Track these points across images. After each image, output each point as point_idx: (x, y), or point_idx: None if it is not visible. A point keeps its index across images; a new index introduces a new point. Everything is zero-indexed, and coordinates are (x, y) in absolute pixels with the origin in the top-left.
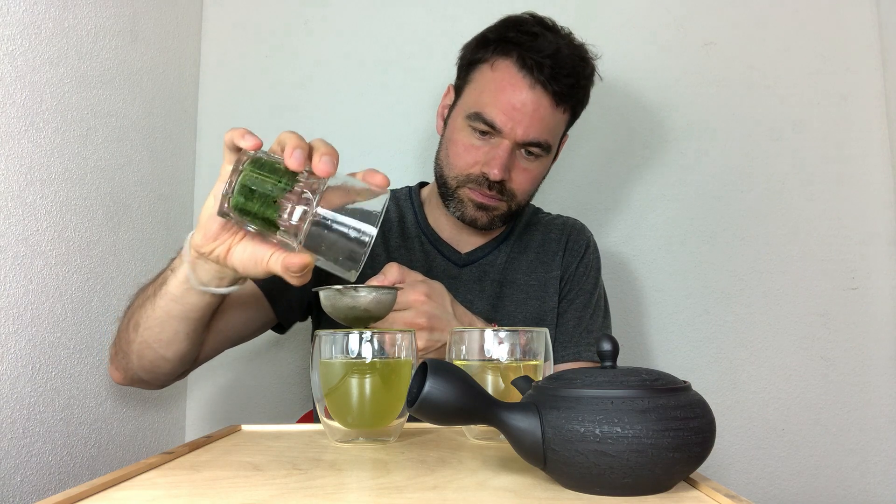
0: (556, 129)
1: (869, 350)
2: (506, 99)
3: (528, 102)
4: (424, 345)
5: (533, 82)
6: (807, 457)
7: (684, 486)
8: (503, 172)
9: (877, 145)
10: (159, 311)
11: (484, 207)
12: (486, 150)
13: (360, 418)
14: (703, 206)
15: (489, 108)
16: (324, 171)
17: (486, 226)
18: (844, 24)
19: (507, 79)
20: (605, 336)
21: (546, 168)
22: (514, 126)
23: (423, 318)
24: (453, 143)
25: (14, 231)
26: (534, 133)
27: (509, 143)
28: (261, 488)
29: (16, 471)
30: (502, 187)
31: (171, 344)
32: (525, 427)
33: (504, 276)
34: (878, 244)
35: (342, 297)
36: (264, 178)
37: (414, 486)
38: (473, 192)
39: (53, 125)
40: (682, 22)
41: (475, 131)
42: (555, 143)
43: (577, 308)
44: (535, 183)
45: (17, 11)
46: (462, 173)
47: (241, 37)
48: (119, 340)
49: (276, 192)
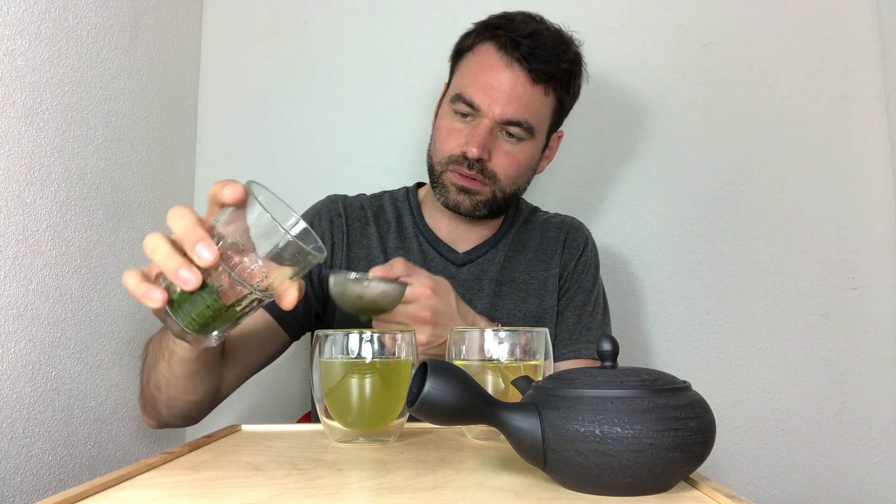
0: (537, 110)
1: (869, 350)
2: (484, 78)
3: (506, 80)
4: (427, 339)
5: (510, 61)
6: (807, 457)
7: (684, 486)
8: (481, 149)
9: (877, 145)
10: (178, 371)
11: (466, 190)
12: (468, 131)
13: (360, 418)
14: (703, 206)
15: (468, 89)
16: (205, 262)
17: (470, 210)
18: (844, 24)
19: (486, 60)
20: (605, 336)
21: (532, 156)
22: (491, 103)
23: (427, 312)
24: (438, 129)
25: (14, 231)
26: (511, 111)
27: (489, 122)
28: (261, 488)
29: (16, 471)
30: (483, 168)
31: (197, 389)
32: (525, 427)
33: (502, 275)
34: (878, 244)
35: (352, 285)
36: (193, 297)
37: (414, 486)
38: (454, 174)
39: (53, 125)
40: (682, 22)
41: (457, 114)
42: (538, 126)
43: (576, 306)
44: (520, 169)
45: (17, 11)
46: (445, 156)
47: (241, 37)
48: (145, 396)
49: (213, 297)
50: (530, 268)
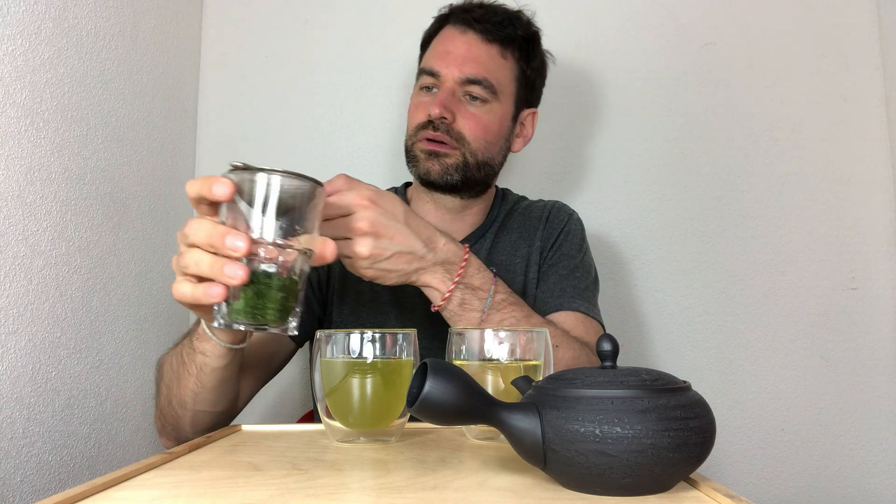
0: (495, 70)
1: (869, 350)
2: (442, 48)
3: (460, 44)
4: (369, 252)
5: (464, 28)
6: (807, 457)
7: (684, 486)
8: (441, 108)
9: (877, 145)
10: (209, 383)
11: (435, 154)
12: (430, 99)
13: (361, 418)
14: (703, 206)
15: (429, 61)
16: (241, 250)
17: (441, 175)
18: (844, 24)
19: (445, 35)
20: (605, 336)
21: (500, 121)
22: (448, 65)
23: (364, 223)
24: (409, 110)
25: (14, 231)
26: (468, 69)
27: (449, 84)
28: (261, 488)
29: (16, 471)
30: (449, 129)
31: (224, 399)
32: (525, 427)
33: (489, 260)
34: (878, 244)
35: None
36: (258, 290)
37: (414, 486)
38: (422, 141)
39: (53, 125)
40: (682, 22)
41: (423, 89)
42: (500, 87)
43: (559, 270)
44: (488, 133)
45: (17, 11)
46: (413, 127)
47: (241, 37)
48: (165, 416)
49: (272, 278)
50: (514, 248)
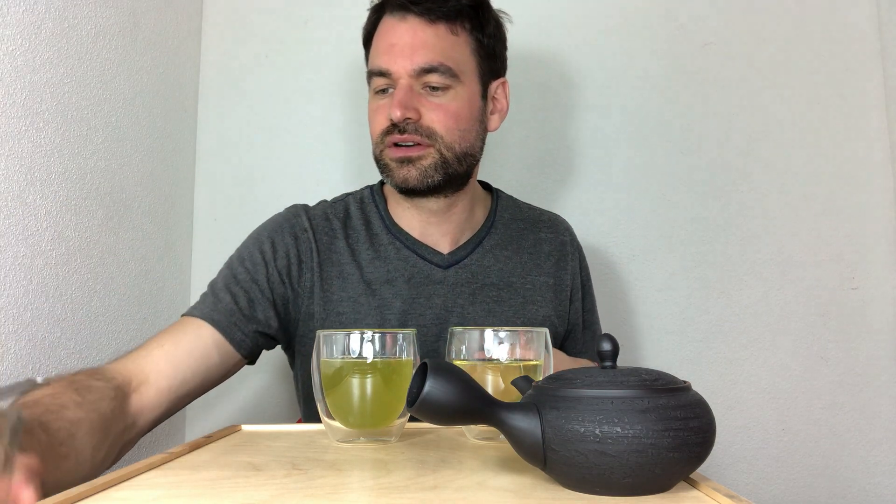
0: (449, 50)
1: (869, 350)
2: (384, 43)
3: (404, 33)
4: None
5: (403, 14)
6: (807, 457)
7: (684, 486)
8: (402, 108)
9: (877, 145)
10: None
11: (408, 160)
12: (388, 101)
13: (361, 418)
14: (703, 205)
15: (374, 61)
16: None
17: (420, 180)
18: (844, 24)
19: (384, 28)
20: (605, 336)
21: (469, 105)
22: (396, 60)
23: None
24: (368, 117)
25: (14, 231)
26: (420, 58)
27: (404, 81)
28: (261, 488)
29: None
30: (417, 127)
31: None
32: (525, 427)
33: (500, 280)
34: (878, 244)
35: None
36: None
37: (414, 486)
38: (390, 148)
39: (53, 125)
40: (681, 22)
41: (377, 94)
42: (460, 68)
43: (585, 312)
44: (459, 120)
45: (17, 11)
46: (377, 134)
47: (241, 37)
48: None
49: None
50: (526, 272)
